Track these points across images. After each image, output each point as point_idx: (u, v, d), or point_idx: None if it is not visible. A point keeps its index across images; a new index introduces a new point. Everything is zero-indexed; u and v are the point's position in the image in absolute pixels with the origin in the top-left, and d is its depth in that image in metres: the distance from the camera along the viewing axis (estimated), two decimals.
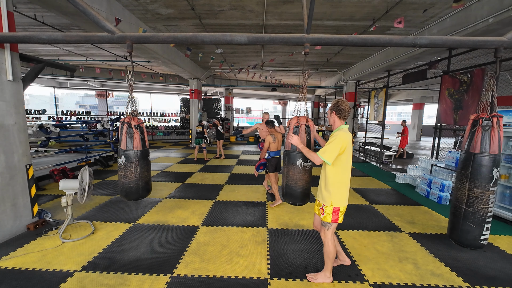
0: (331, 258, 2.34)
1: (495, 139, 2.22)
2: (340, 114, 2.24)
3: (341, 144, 2.10)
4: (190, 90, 12.03)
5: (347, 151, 2.15)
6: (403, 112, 37.63)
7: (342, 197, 2.23)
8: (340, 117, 2.25)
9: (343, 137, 2.11)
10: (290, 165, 2.55)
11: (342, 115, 2.23)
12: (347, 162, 2.19)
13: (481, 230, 2.32)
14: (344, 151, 2.13)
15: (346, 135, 2.14)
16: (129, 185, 2.71)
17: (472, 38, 2.36)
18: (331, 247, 2.31)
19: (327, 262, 2.37)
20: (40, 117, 11.87)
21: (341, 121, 2.26)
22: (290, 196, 2.59)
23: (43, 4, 3.79)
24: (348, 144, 2.15)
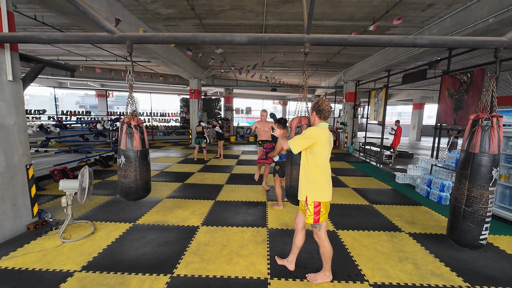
0: (327, 258, 2.33)
1: (494, 139, 2.22)
2: (320, 114, 2.25)
3: (310, 138, 2.13)
4: (190, 90, 12.03)
5: (319, 146, 2.15)
6: (403, 112, 37.64)
7: (320, 191, 2.20)
8: (321, 117, 2.26)
9: (314, 132, 2.14)
10: (294, 165, 2.55)
11: (322, 115, 2.25)
12: (321, 157, 2.17)
13: (480, 230, 2.32)
14: (315, 145, 2.14)
15: (319, 130, 2.15)
16: (129, 185, 2.71)
17: (472, 38, 2.36)
18: (327, 247, 2.30)
19: (325, 262, 2.36)
20: (40, 117, 11.87)
21: (320, 120, 2.28)
22: (294, 196, 2.58)
23: (43, 4, 3.79)
24: (320, 139, 2.13)
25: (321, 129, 2.20)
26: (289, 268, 2.55)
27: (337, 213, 4.09)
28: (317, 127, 2.22)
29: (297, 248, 2.50)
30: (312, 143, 2.15)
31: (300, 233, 2.45)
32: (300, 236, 2.45)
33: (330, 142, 2.22)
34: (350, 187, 5.61)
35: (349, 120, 11.63)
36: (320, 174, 2.19)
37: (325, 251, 2.31)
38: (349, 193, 5.14)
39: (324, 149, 2.18)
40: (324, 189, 2.21)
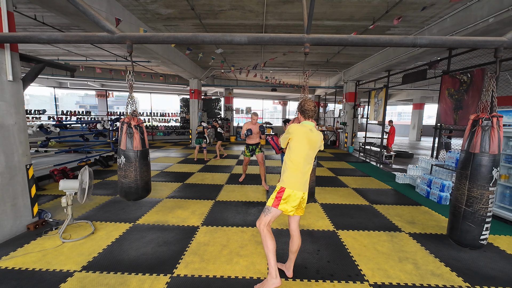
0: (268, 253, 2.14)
1: (494, 139, 2.22)
2: (304, 114, 2.33)
3: (287, 133, 2.25)
4: (190, 90, 12.03)
5: (294, 141, 2.21)
6: (403, 112, 37.65)
7: (289, 180, 2.20)
8: (305, 117, 2.34)
9: (291, 127, 2.24)
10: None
11: (306, 115, 2.32)
12: (296, 152, 2.22)
13: (480, 230, 2.32)
14: (291, 140, 2.24)
15: (297, 126, 2.24)
16: (129, 185, 2.71)
17: (472, 38, 2.36)
18: (268, 238, 2.14)
19: (268, 259, 2.16)
20: (40, 117, 11.87)
21: (305, 119, 2.35)
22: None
23: (43, 4, 3.79)
24: (296, 134, 2.21)
25: (301, 126, 2.26)
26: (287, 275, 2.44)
27: (337, 213, 4.09)
28: (299, 124, 2.30)
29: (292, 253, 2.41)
30: (289, 138, 2.25)
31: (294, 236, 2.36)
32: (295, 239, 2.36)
33: (310, 139, 2.21)
34: (350, 187, 5.61)
35: (349, 120, 11.63)
36: (292, 167, 2.22)
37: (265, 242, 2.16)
38: (349, 193, 5.14)
39: (300, 145, 2.21)
40: (294, 180, 2.20)
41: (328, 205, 4.43)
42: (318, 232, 3.42)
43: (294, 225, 2.38)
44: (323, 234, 3.35)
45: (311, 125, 2.29)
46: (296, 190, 2.19)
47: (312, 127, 2.29)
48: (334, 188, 5.48)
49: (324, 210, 4.21)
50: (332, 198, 4.82)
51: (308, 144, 2.22)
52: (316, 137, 2.26)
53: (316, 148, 2.30)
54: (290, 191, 2.19)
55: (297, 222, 2.39)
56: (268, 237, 2.17)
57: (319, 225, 3.63)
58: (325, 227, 3.56)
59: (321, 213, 4.06)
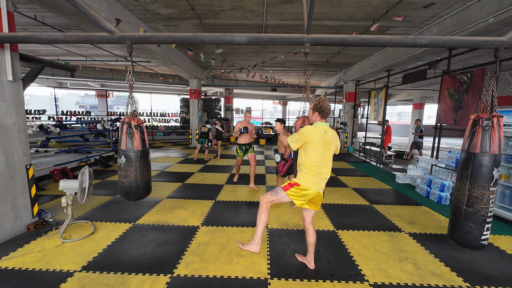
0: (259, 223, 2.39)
1: (495, 139, 2.22)
2: (322, 114, 2.33)
3: (303, 135, 2.23)
4: (190, 90, 12.03)
5: (312, 143, 2.22)
6: (403, 112, 37.67)
7: (305, 179, 2.27)
8: (322, 117, 2.35)
9: (307, 130, 2.24)
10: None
11: (324, 114, 2.34)
12: (312, 155, 2.23)
13: (481, 230, 2.32)
14: (307, 143, 2.24)
15: (312, 129, 2.24)
16: (129, 185, 2.71)
17: (472, 38, 2.36)
18: (264, 213, 2.37)
19: (257, 229, 2.43)
20: (40, 117, 11.86)
21: (320, 119, 2.36)
22: None
23: (43, 4, 3.79)
24: (312, 137, 2.21)
25: (316, 127, 2.25)
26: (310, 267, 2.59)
27: (337, 213, 4.09)
28: (313, 126, 2.29)
29: (311, 246, 2.54)
30: (305, 142, 2.24)
31: (309, 229, 2.50)
32: (310, 233, 2.49)
33: (325, 141, 2.24)
34: (350, 187, 5.61)
35: (349, 120, 11.63)
36: (308, 170, 2.26)
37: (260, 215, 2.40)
38: (349, 193, 5.14)
39: (316, 149, 2.22)
40: (309, 180, 2.26)
41: (328, 205, 4.43)
42: (318, 232, 3.42)
43: (308, 219, 2.49)
44: (323, 234, 3.35)
45: (325, 126, 2.30)
46: (310, 188, 2.26)
47: (327, 127, 2.30)
48: (334, 188, 5.48)
49: (324, 210, 4.21)
50: (332, 198, 4.82)
51: (324, 146, 2.24)
52: (331, 138, 2.28)
53: (332, 149, 2.32)
54: (303, 187, 2.26)
55: (311, 216, 2.49)
56: (265, 212, 2.37)
57: (319, 225, 3.62)
58: (325, 227, 3.56)
59: (321, 213, 4.05)
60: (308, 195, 2.28)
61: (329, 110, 2.34)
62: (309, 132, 2.23)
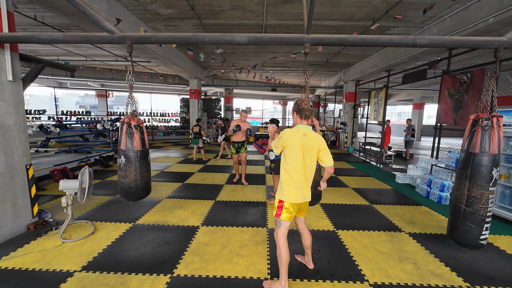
0: (282, 263, 2.17)
1: (494, 139, 2.22)
2: (300, 114, 2.19)
3: (281, 139, 2.13)
4: (190, 90, 12.03)
5: (290, 148, 2.09)
6: (403, 112, 37.67)
7: (285, 191, 2.15)
8: (301, 117, 2.20)
9: (285, 133, 2.13)
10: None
11: (303, 115, 2.19)
12: (290, 160, 2.11)
13: (480, 230, 2.32)
14: (285, 147, 2.13)
15: (291, 132, 2.12)
16: (129, 185, 2.71)
17: (472, 38, 2.36)
18: (281, 250, 2.16)
19: (280, 268, 2.19)
20: (40, 117, 11.87)
21: (301, 120, 2.22)
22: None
23: (43, 4, 3.79)
24: (289, 141, 2.09)
25: (295, 130, 2.13)
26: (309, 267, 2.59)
27: (337, 213, 4.09)
28: (293, 128, 2.18)
29: (307, 248, 2.53)
30: (283, 146, 2.13)
31: (303, 233, 2.46)
32: (305, 236, 2.47)
33: (304, 146, 2.08)
34: (350, 187, 5.61)
35: (349, 120, 11.63)
36: (289, 180, 2.13)
37: (279, 253, 2.18)
38: (349, 193, 5.14)
39: (295, 154, 2.08)
40: (291, 192, 2.14)
41: (328, 205, 4.43)
42: (318, 232, 3.42)
43: (301, 224, 2.46)
44: (323, 234, 3.35)
45: (306, 129, 2.15)
46: (294, 202, 2.15)
47: (308, 131, 2.14)
48: (334, 188, 5.48)
49: (324, 210, 4.21)
50: (332, 198, 4.82)
51: (303, 151, 2.08)
52: (312, 142, 2.11)
53: (314, 155, 2.15)
54: (288, 204, 2.16)
55: (303, 221, 2.46)
56: (283, 250, 2.16)
57: (319, 225, 3.63)
58: (325, 227, 3.56)
59: (321, 213, 4.06)
60: (296, 208, 2.19)
61: (309, 110, 2.19)
62: (287, 135, 2.10)
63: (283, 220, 2.19)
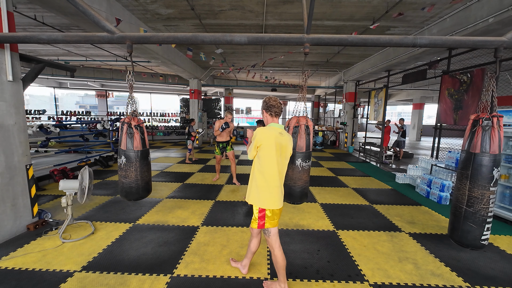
0: (279, 267, 2.12)
1: (495, 139, 2.22)
2: (270, 111, 2.11)
3: (255, 140, 2.00)
4: (190, 90, 12.03)
5: (264, 149, 1.98)
6: (403, 112, 37.66)
7: (264, 198, 2.03)
8: (272, 115, 2.12)
9: (258, 133, 1.99)
10: (290, 164, 2.55)
11: (273, 112, 2.11)
12: (266, 161, 2.00)
13: (481, 230, 2.32)
14: (260, 148, 2.00)
15: (264, 131, 1.99)
16: (129, 185, 2.70)
17: (472, 38, 2.36)
18: (277, 255, 2.08)
19: (278, 272, 2.15)
20: (40, 117, 11.86)
21: (272, 118, 2.14)
22: (289, 195, 2.59)
23: (43, 4, 3.79)
24: (264, 140, 1.97)
25: (269, 129, 2.02)
26: (242, 272, 2.45)
27: (337, 213, 4.09)
28: (266, 127, 2.06)
29: (251, 253, 2.40)
30: (257, 146, 2.01)
31: (255, 238, 2.31)
32: (254, 241, 2.32)
33: (281, 145, 2.01)
34: (350, 187, 5.61)
35: (349, 120, 11.62)
36: (262, 180, 2.02)
37: (275, 259, 2.11)
38: (349, 193, 5.14)
39: (270, 153, 1.98)
40: (270, 197, 2.03)
41: (328, 205, 4.43)
42: (318, 232, 3.42)
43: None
44: (323, 234, 3.35)
45: (280, 128, 2.06)
46: (276, 207, 2.06)
47: (282, 130, 2.06)
48: (334, 188, 5.48)
49: (324, 210, 4.21)
50: (332, 198, 4.82)
51: (279, 150, 2.00)
52: (287, 142, 2.05)
53: (287, 155, 2.10)
54: (270, 211, 2.06)
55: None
56: (278, 255, 2.10)
57: (319, 225, 3.62)
58: (325, 227, 3.56)
59: (321, 213, 4.05)
60: (278, 213, 2.11)
61: (279, 107, 2.12)
62: (262, 135, 1.97)
63: (268, 229, 2.10)
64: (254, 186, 2.09)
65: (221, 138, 5.47)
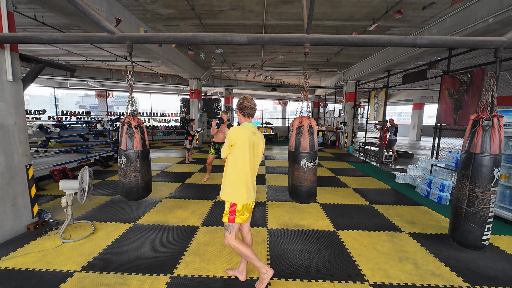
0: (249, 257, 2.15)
1: (495, 139, 2.22)
2: (243, 111, 2.16)
3: (229, 138, 2.04)
4: (190, 90, 12.03)
5: (239, 146, 2.04)
6: (403, 112, 37.67)
7: (238, 193, 2.08)
8: (244, 115, 2.17)
9: (232, 132, 2.04)
10: (295, 165, 2.55)
11: (246, 113, 2.16)
12: (239, 159, 2.06)
13: (482, 230, 2.31)
14: (234, 146, 2.06)
15: (238, 129, 2.05)
16: (130, 185, 2.70)
17: (472, 38, 2.36)
18: (241, 248, 2.12)
19: (252, 262, 2.18)
20: (40, 117, 11.86)
21: (245, 119, 2.19)
22: (295, 195, 2.58)
23: (43, 4, 3.79)
24: (238, 139, 2.04)
25: (243, 127, 2.09)
26: (240, 279, 2.40)
27: (337, 213, 4.09)
28: (239, 126, 2.13)
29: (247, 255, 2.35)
30: (231, 145, 2.07)
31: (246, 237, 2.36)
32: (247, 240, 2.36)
33: (253, 144, 2.09)
34: (350, 187, 5.61)
35: (349, 120, 11.63)
36: (235, 176, 2.09)
37: (240, 252, 2.14)
38: (349, 193, 5.14)
39: (243, 151, 2.05)
40: (240, 191, 2.08)
41: (328, 205, 4.43)
42: (318, 232, 3.42)
43: (247, 227, 2.37)
44: (323, 234, 3.35)
45: (253, 127, 2.13)
46: (247, 202, 2.11)
47: (255, 129, 2.14)
48: (334, 188, 5.47)
49: (324, 210, 4.21)
50: (332, 198, 4.82)
51: (252, 149, 2.09)
52: (259, 140, 2.13)
53: (260, 154, 2.18)
54: (241, 206, 2.10)
55: (249, 224, 2.38)
56: (242, 248, 2.13)
57: (319, 225, 3.62)
58: (325, 227, 3.55)
59: (321, 213, 4.05)
60: (249, 208, 2.15)
61: (252, 108, 2.17)
62: (236, 134, 2.04)
63: (234, 224, 2.11)
64: (227, 183, 2.13)
65: (218, 139, 5.37)
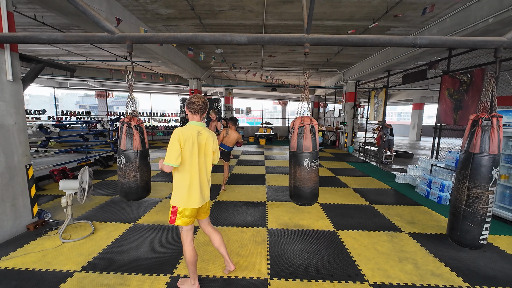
0: (188, 263, 2.13)
1: (494, 139, 2.22)
2: (189, 107, 2.10)
3: (176, 141, 1.93)
4: (190, 90, 12.03)
5: (186, 147, 1.97)
6: (403, 112, 37.68)
7: (180, 197, 2.03)
8: (191, 112, 2.11)
9: (177, 133, 1.95)
10: (297, 166, 2.54)
11: (192, 108, 2.09)
12: (186, 159, 1.99)
13: (480, 230, 2.32)
14: (182, 149, 1.96)
15: (182, 130, 1.97)
16: (129, 185, 2.70)
17: (472, 38, 2.36)
18: (186, 251, 2.09)
19: (188, 268, 2.17)
20: (40, 117, 11.85)
21: (193, 116, 2.13)
22: (298, 197, 2.56)
23: (43, 4, 3.79)
24: (185, 139, 1.96)
25: (188, 127, 2.03)
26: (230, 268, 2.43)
27: (337, 213, 4.09)
28: (185, 126, 2.06)
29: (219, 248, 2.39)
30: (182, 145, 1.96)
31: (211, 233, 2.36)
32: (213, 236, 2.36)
33: (199, 144, 2.04)
34: (350, 187, 5.61)
35: (349, 120, 11.63)
36: (178, 179, 2.03)
37: (185, 255, 2.12)
38: (349, 193, 5.14)
39: (188, 153, 1.99)
40: (184, 196, 2.03)
41: (328, 205, 4.43)
42: (318, 232, 3.42)
43: (207, 227, 2.36)
44: (323, 234, 3.35)
45: (199, 126, 2.08)
46: (190, 206, 2.05)
47: (201, 128, 2.09)
48: (334, 188, 5.48)
49: (324, 210, 4.21)
50: (332, 198, 4.82)
51: (198, 150, 2.03)
52: (206, 139, 2.08)
53: (209, 152, 2.12)
54: (183, 209, 2.04)
55: (207, 223, 2.35)
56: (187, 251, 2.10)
57: (319, 225, 3.63)
58: (325, 227, 3.56)
59: (321, 213, 4.06)
60: (192, 212, 2.07)
61: (199, 105, 2.09)
62: (179, 136, 1.94)
63: (180, 225, 2.08)
64: (173, 186, 2.10)
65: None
